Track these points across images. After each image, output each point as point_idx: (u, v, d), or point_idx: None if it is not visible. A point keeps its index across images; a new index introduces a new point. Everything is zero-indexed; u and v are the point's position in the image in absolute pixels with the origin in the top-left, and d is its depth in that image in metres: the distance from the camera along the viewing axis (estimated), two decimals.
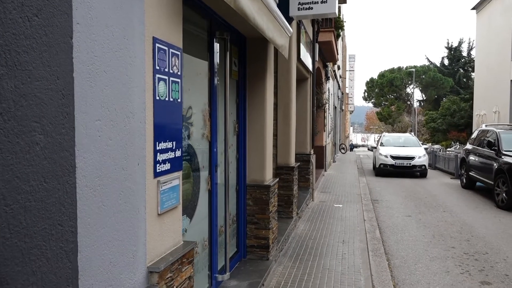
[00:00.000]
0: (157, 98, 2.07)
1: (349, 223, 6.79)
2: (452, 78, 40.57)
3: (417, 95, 47.43)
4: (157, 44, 2.06)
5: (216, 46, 3.42)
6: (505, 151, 9.21)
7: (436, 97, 42.78)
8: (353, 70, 36.79)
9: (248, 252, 4.54)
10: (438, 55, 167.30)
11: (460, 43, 41.60)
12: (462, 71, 41.05)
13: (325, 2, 5.48)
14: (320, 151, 13.01)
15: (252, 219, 4.53)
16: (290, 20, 5.51)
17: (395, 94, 47.41)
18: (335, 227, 6.50)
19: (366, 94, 50.61)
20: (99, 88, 1.62)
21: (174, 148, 2.27)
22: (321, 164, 13.30)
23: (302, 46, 7.36)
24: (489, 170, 9.64)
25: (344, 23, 15.83)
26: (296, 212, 6.59)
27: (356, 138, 71.22)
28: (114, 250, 1.74)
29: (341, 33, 15.44)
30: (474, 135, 11.90)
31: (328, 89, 15.70)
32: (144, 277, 1.98)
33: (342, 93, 28.02)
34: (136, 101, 1.88)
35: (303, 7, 5.52)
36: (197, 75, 3.16)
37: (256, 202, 4.50)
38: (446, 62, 42.94)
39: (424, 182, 12.99)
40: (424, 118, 38.83)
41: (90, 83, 1.57)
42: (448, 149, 24.07)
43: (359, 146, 52.63)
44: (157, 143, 2.08)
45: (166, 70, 2.16)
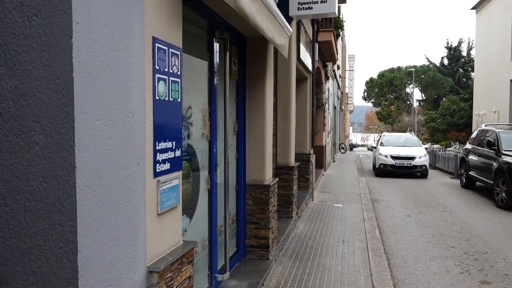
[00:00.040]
0: (156, 98, 2.06)
1: (349, 222, 6.79)
2: (451, 78, 40.59)
3: (416, 95, 47.51)
4: (156, 44, 2.05)
5: (216, 46, 3.42)
6: (504, 150, 9.21)
7: (435, 97, 42.79)
8: (352, 70, 36.80)
9: (248, 252, 4.54)
10: (438, 55, 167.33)
11: (459, 43, 41.62)
12: (461, 71, 41.07)
13: (324, 1, 5.48)
14: (319, 151, 13.01)
15: (251, 219, 4.53)
16: (289, 20, 5.51)
17: (394, 94, 47.41)
18: (335, 226, 6.50)
19: (366, 94, 50.61)
20: (98, 87, 1.62)
21: (174, 148, 2.27)
22: (320, 164, 13.30)
23: (302, 46, 7.36)
24: (488, 170, 9.64)
25: (344, 23, 15.82)
26: (296, 212, 6.59)
27: (355, 138, 71.21)
28: (114, 250, 1.74)
29: (340, 32, 15.44)
30: (474, 135, 11.90)
31: (328, 88, 15.70)
32: (144, 277, 1.98)
33: (342, 93, 28.03)
34: (135, 100, 1.88)
35: (303, 7, 5.52)
36: (196, 75, 3.16)
37: (256, 202, 4.50)
38: (446, 62, 42.95)
39: (423, 182, 12.99)
40: (424, 117, 38.84)
41: (89, 82, 1.57)
42: (447, 148, 24.08)
43: (358, 145, 52.62)
44: (157, 143, 2.08)
45: (166, 69, 2.16)
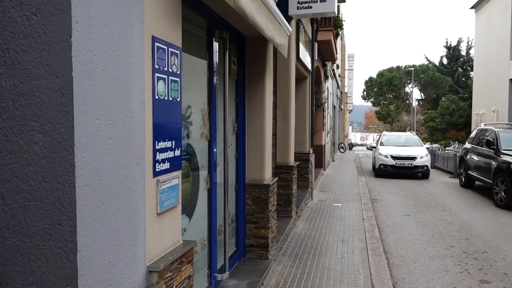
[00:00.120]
0: (156, 97, 2.06)
1: (348, 222, 6.79)
2: (451, 77, 40.60)
3: (416, 94, 47.56)
4: (156, 43, 2.05)
5: (215, 45, 3.42)
6: (504, 150, 9.22)
7: (435, 96, 42.81)
8: (352, 69, 36.82)
9: (247, 252, 4.54)
10: (437, 54, 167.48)
11: (459, 42, 41.60)
12: (461, 70, 41.07)
13: (324, 1, 5.48)
14: (319, 150, 13.01)
15: (251, 218, 4.53)
16: (289, 19, 5.51)
17: (394, 93, 47.41)
18: (334, 226, 6.51)
19: (365, 93, 50.59)
20: (98, 87, 1.62)
21: (173, 147, 2.26)
22: (320, 163, 13.30)
23: (301, 45, 7.36)
24: (488, 169, 9.65)
25: (343, 22, 15.84)
26: (295, 211, 6.59)
27: (355, 137, 71.20)
28: (114, 249, 1.73)
29: (340, 32, 15.46)
30: (473, 134, 11.91)
31: (327, 88, 15.70)
32: (144, 276, 1.98)
33: (341, 92, 28.06)
34: (135, 100, 1.88)
35: (302, 6, 5.52)
36: (196, 74, 3.16)
37: (255, 201, 4.50)
38: (445, 61, 42.95)
39: (423, 181, 12.99)
40: (423, 117, 38.84)
41: (89, 82, 1.57)
42: (447, 148, 24.10)
43: (357, 145, 52.64)
44: (156, 142, 2.08)
45: (165, 69, 2.15)
